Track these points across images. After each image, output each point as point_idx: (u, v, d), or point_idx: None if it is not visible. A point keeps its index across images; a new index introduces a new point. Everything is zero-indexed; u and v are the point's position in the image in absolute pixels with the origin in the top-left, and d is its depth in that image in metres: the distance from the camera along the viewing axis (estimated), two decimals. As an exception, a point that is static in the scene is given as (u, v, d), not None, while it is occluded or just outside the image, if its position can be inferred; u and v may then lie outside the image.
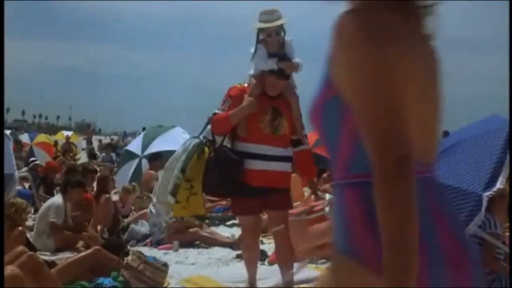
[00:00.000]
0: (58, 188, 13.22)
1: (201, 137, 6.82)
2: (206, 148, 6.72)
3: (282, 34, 6.51)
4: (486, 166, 5.96)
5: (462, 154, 6.34)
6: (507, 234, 7.17)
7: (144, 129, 24.23)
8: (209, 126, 6.64)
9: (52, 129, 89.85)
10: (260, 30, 6.45)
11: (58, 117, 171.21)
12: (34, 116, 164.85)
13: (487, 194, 5.82)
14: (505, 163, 5.93)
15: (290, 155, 6.63)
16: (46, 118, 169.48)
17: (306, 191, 14.97)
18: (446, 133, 26.08)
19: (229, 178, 6.35)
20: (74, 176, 10.81)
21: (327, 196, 6.75)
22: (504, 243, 6.84)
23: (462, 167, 6.18)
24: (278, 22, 6.44)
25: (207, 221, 11.34)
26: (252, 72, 6.48)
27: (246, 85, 6.50)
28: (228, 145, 6.50)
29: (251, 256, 6.84)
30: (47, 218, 9.31)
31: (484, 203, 5.78)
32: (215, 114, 6.43)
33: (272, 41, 6.41)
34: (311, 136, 21.77)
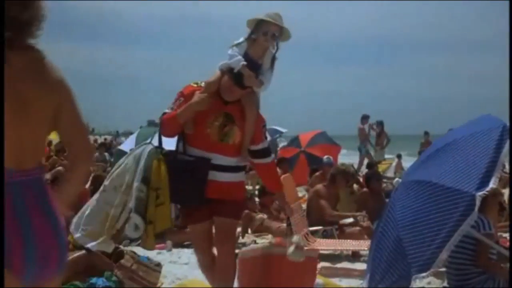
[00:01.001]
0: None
1: (153, 143, 6.26)
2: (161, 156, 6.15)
3: (276, 44, 5.90)
4: (478, 166, 5.97)
5: (454, 154, 6.35)
6: (499, 234, 7.19)
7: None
8: None
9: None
10: (259, 23, 5.79)
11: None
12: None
13: (480, 194, 5.82)
14: (497, 162, 5.93)
15: (242, 164, 6.07)
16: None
17: (300, 191, 15.02)
18: (426, 133, 25.86)
19: (196, 185, 5.80)
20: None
21: (295, 238, 6.71)
22: (497, 242, 6.86)
23: (455, 167, 6.18)
24: (284, 25, 5.83)
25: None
26: (221, 63, 5.89)
27: (203, 84, 5.86)
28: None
29: (206, 262, 6.16)
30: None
31: (477, 203, 5.78)
32: (164, 113, 5.89)
33: (262, 48, 5.83)
34: (305, 136, 21.78)
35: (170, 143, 6.11)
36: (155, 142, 6.15)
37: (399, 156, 26.97)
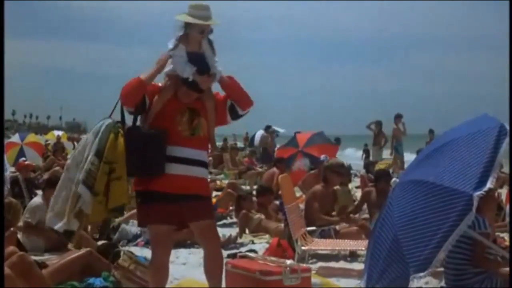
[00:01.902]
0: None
1: (112, 118, 6.23)
2: (120, 130, 6.18)
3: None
4: (476, 166, 5.96)
5: (452, 154, 6.35)
6: (497, 233, 7.19)
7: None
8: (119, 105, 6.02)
9: (43, 129, 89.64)
10: (188, 25, 5.84)
11: (48, 117, 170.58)
12: (25, 116, 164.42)
13: (477, 194, 5.82)
14: (495, 162, 5.93)
15: (206, 160, 6.10)
16: (37, 117, 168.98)
17: (297, 191, 15.02)
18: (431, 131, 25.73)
19: (153, 157, 5.72)
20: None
21: (288, 262, 6.70)
22: (495, 242, 6.86)
23: (453, 166, 6.18)
24: (215, 21, 5.89)
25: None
26: (167, 69, 5.92)
27: (160, 84, 5.97)
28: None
29: (161, 278, 6.01)
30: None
31: (475, 203, 5.77)
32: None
33: (197, 40, 5.87)
34: (302, 136, 21.80)
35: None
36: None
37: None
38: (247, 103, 6.09)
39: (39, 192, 15.11)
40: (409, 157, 25.94)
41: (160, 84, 5.97)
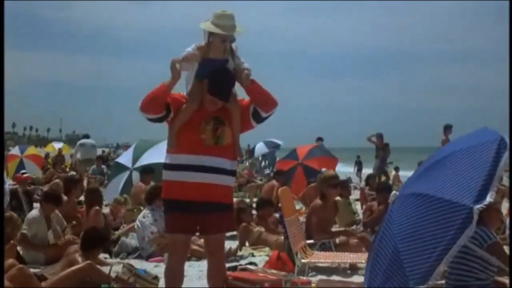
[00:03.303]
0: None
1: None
2: None
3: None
4: (476, 179, 5.96)
5: (452, 167, 6.35)
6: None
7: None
8: None
9: (43, 141, 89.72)
10: (211, 33, 5.92)
11: (48, 129, 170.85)
12: (25, 128, 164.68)
13: (477, 207, 5.82)
14: (495, 175, 5.93)
15: (234, 168, 6.13)
16: (37, 130, 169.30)
17: (297, 204, 15.00)
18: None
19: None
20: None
21: (288, 275, 6.70)
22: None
23: (453, 179, 6.18)
24: (238, 30, 5.96)
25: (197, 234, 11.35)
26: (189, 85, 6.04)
27: (184, 94, 6.07)
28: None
29: (175, 284, 6.11)
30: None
31: (475, 216, 5.77)
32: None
33: (220, 49, 5.93)
34: (302, 149, 21.83)
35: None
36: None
37: (396, 169, 26.97)
38: (271, 105, 6.10)
39: (38, 205, 15.14)
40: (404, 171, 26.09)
41: (184, 94, 6.03)
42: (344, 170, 25.01)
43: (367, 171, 30.73)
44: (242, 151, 6.75)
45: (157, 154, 15.60)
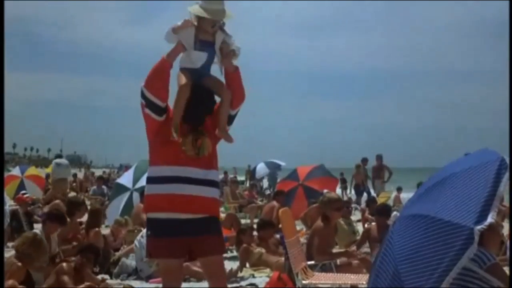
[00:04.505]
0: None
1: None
2: None
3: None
4: (477, 200, 5.96)
5: (453, 188, 6.35)
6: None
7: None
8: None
9: (44, 162, 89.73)
10: (199, 17, 5.75)
11: (49, 150, 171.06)
12: (25, 149, 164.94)
13: (478, 228, 5.81)
14: (496, 196, 5.93)
15: (216, 179, 5.98)
16: (37, 150, 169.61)
17: (298, 225, 14.98)
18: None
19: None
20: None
21: None
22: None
23: (453, 200, 6.18)
24: (228, 15, 5.78)
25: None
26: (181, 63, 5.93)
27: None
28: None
29: None
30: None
31: (476, 238, 5.77)
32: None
33: (209, 32, 5.80)
34: (303, 169, 21.77)
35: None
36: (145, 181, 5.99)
37: (399, 189, 26.92)
38: (241, 100, 6.02)
39: (38, 226, 15.12)
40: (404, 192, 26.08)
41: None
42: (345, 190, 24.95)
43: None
44: (236, 172, 6.65)
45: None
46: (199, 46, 5.79)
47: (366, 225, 12.75)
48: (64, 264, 8.39)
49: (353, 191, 26.76)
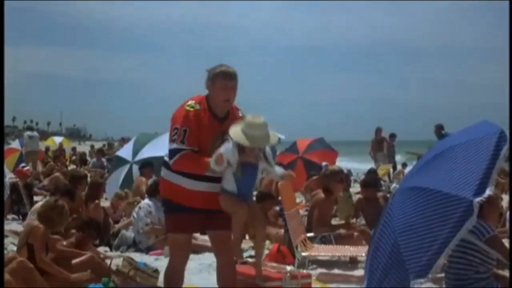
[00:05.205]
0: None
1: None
2: None
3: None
4: (476, 172, 5.96)
5: (452, 160, 6.35)
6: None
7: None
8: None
9: (43, 135, 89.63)
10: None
11: (48, 123, 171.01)
12: (25, 122, 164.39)
13: (477, 200, 5.82)
14: (495, 168, 5.93)
15: None
16: (37, 124, 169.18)
17: (298, 197, 14.98)
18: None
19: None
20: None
21: (289, 268, 6.71)
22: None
23: (453, 173, 6.18)
24: (272, 141, 5.89)
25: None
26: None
27: (197, 107, 5.84)
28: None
29: (175, 284, 6.10)
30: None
31: (475, 209, 5.78)
32: (177, 150, 5.74)
33: (252, 154, 5.81)
34: (302, 142, 21.72)
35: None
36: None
37: (404, 165, 26.80)
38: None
39: (38, 198, 15.13)
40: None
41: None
42: (343, 163, 24.97)
43: (362, 165, 30.75)
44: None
45: (157, 148, 15.62)
46: (240, 171, 5.77)
47: (359, 198, 12.77)
48: (64, 243, 8.44)
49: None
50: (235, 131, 5.70)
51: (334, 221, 11.00)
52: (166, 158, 5.96)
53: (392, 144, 25.32)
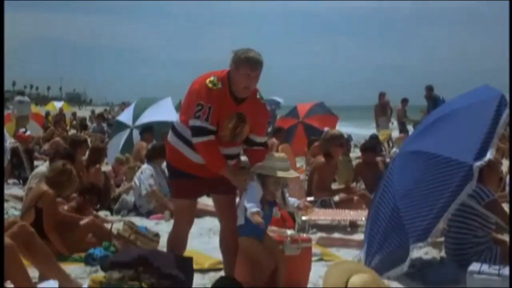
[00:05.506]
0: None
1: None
2: None
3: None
4: (476, 137, 5.97)
5: (453, 124, 6.35)
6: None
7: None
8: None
9: (43, 100, 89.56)
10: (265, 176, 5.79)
11: (48, 88, 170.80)
12: (25, 87, 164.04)
13: (478, 164, 5.83)
14: (495, 133, 5.93)
15: (238, 152, 6.05)
16: (37, 88, 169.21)
17: (299, 161, 14.99)
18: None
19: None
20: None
21: (289, 232, 6.69)
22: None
23: (453, 137, 6.18)
24: (294, 174, 6.06)
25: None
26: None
27: (220, 86, 5.68)
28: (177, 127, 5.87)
29: (178, 248, 6.07)
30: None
31: (475, 174, 5.79)
32: (198, 128, 5.64)
33: (271, 190, 5.81)
34: (303, 107, 21.60)
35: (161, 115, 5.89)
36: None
37: (406, 131, 26.73)
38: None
39: (38, 162, 15.13)
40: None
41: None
42: (344, 128, 24.92)
43: (362, 130, 30.71)
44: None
45: (157, 113, 15.57)
46: (261, 209, 5.68)
47: (357, 162, 12.77)
48: (65, 207, 8.44)
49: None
50: (260, 167, 5.76)
51: (334, 186, 11.01)
52: (176, 124, 5.92)
53: (404, 109, 25.04)
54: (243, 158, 6.15)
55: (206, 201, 8.08)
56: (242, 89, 5.68)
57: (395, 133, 24.36)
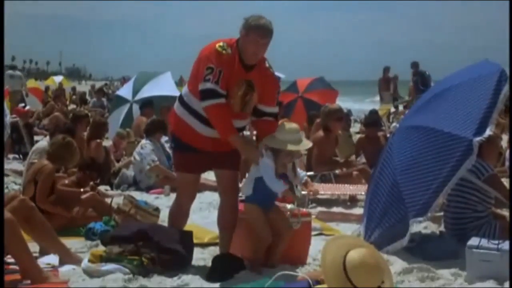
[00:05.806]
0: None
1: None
2: None
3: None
4: (476, 111, 5.96)
5: (452, 99, 6.34)
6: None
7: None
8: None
9: (42, 75, 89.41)
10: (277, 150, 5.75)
11: (48, 63, 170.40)
12: (24, 62, 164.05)
13: (477, 139, 5.83)
14: (495, 108, 5.93)
15: (244, 125, 6.10)
16: (36, 63, 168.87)
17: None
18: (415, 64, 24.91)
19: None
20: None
21: (289, 206, 6.69)
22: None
23: (453, 112, 6.17)
24: (306, 145, 6.02)
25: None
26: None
27: (229, 51, 5.64)
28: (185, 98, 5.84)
29: (179, 221, 6.14)
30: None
31: (475, 149, 5.79)
32: (209, 90, 5.55)
33: (283, 163, 5.78)
34: (302, 81, 21.55)
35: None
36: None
37: (406, 107, 26.70)
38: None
39: (38, 137, 15.13)
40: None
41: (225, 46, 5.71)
42: (344, 103, 24.87)
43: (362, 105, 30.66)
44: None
45: (157, 87, 15.54)
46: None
47: (359, 137, 12.77)
48: (66, 181, 8.45)
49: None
50: (272, 140, 5.72)
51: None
52: (184, 94, 5.88)
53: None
54: (246, 133, 6.13)
55: (206, 176, 8.07)
56: (250, 54, 5.65)
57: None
